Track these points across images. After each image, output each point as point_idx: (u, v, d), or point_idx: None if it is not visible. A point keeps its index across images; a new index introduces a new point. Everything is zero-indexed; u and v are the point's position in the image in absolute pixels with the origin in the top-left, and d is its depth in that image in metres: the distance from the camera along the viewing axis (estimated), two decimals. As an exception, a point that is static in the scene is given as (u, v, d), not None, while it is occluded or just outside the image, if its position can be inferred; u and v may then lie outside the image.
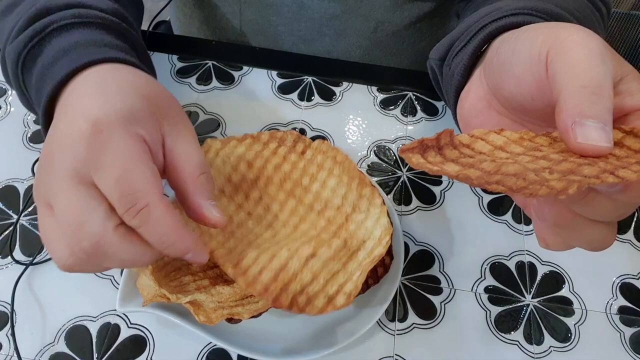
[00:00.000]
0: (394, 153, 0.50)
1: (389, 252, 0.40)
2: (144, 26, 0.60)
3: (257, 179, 0.38)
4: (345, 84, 0.55)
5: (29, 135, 0.49)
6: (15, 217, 0.44)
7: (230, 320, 0.35)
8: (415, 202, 0.46)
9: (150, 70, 0.41)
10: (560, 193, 0.21)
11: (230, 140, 0.40)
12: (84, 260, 0.28)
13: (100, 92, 0.31)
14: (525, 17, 0.35)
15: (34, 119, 0.50)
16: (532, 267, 0.43)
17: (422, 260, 0.43)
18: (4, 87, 0.53)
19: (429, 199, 0.47)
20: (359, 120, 0.52)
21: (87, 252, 0.27)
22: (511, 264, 0.43)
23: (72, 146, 0.28)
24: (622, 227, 0.46)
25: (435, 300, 0.41)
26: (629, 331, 0.40)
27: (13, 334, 0.38)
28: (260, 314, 0.35)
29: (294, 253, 0.32)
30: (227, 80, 0.55)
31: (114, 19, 0.39)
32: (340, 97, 0.54)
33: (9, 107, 0.51)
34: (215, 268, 0.37)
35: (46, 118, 0.35)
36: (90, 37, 0.36)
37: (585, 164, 0.22)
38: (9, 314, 0.39)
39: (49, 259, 0.42)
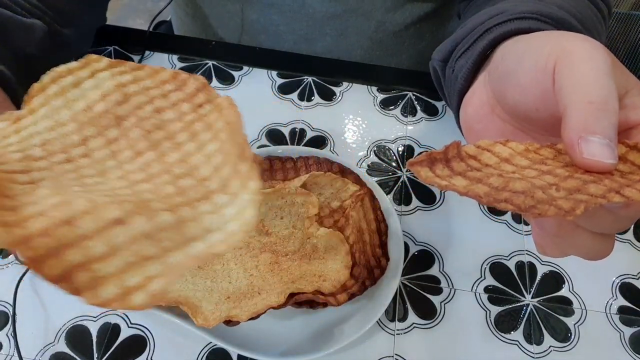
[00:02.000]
0: (393, 153, 0.50)
1: (385, 254, 0.40)
2: (145, 26, 0.60)
3: (125, 117, 0.31)
4: (345, 84, 0.55)
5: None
6: (16, 217, 0.44)
7: (228, 322, 0.35)
8: (415, 202, 0.47)
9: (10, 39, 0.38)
10: (568, 214, 0.21)
11: (122, 63, 0.32)
12: None
13: None
14: (531, 22, 0.35)
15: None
16: (532, 267, 0.43)
17: (422, 260, 0.43)
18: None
19: (429, 199, 0.47)
20: (359, 120, 0.52)
21: None
22: (511, 264, 0.43)
23: None
24: (622, 227, 0.46)
25: (435, 300, 0.41)
26: (628, 331, 0.41)
27: (14, 334, 0.38)
28: (258, 316, 0.35)
29: (93, 209, 0.23)
30: (227, 80, 0.55)
31: None
32: (340, 97, 0.54)
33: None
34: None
35: None
36: None
37: (590, 181, 0.22)
38: (10, 314, 0.39)
39: (49, 259, 0.42)
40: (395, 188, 0.47)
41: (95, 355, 0.38)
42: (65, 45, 0.48)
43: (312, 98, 0.54)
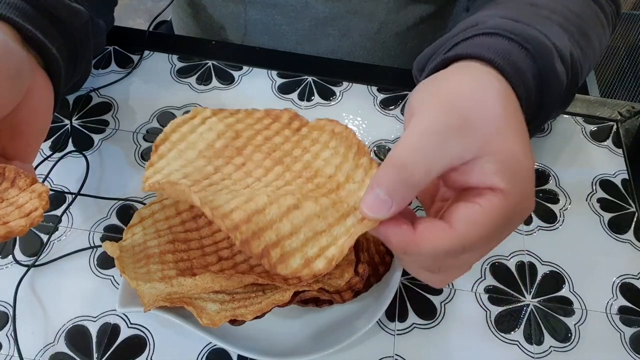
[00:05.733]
0: (394, 153, 0.50)
1: (389, 250, 0.40)
2: (145, 26, 0.60)
3: (243, 147, 0.35)
4: (345, 84, 0.55)
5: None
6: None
7: (233, 322, 0.35)
8: (415, 201, 0.46)
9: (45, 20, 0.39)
10: None
11: (222, 111, 0.38)
12: None
13: None
14: (494, 38, 0.35)
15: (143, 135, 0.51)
16: (532, 267, 0.43)
17: (422, 260, 0.43)
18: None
19: (429, 199, 0.47)
20: (359, 120, 0.52)
21: None
22: (511, 264, 0.43)
23: None
24: (622, 228, 0.46)
25: (435, 300, 0.41)
26: (629, 331, 0.40)
27: (14, 334, 0.38)
28: (263, 314, 0.35)
29: (274, 200, 0.29)
30: (227, 80, 0.55)
31: None
32: (340, 97, 0.54)
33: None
34: (187, 261, 0.37)
35: None
36: None
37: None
38: (10, 314, 0.39)
39: (51, 261, 0.42)
40: (395, 188, 0.47)
41: (95, 355, 0.38)
42: (100, 32, 0.49)
43: (312, 98, 0.54)
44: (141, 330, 0.39)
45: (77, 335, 0.39)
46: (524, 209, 0.27)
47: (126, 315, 0.40)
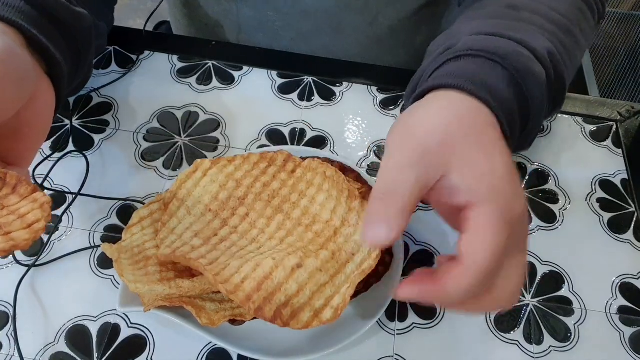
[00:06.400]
0: (394, 153, 0.50)
1: (389, 250, 0.40)
2: (142, 26, 0.60)
3: (244, 197, 0.39)
4: (345, 84, 0.55)
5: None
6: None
7: (233, 322, 0.35)
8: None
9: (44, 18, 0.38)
10: None
11: (220, 160, 0.41)
12: None
13: None
14: (463, 60, 0.36)
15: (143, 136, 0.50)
16: (532, 267, 0.43)
17: (421, 260, 0.43)
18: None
19: (429, 199, 0.47)
20: (359, 120, 0.52)
21: None
22: (511, 264, 0.43)
23: None
24: (622, 227, 0.46)
25: (435, 300, 0.41)
26: (628, 331, 0.41)
27: (15, 334, 0.38)
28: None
29: (279, 263, 0.32)
30: (227, 80, 0.55)
31: None
32: (340, 97, 0.54)
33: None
34: None
35: None
36: None
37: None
38: (11, 314, 0.39)
39: (51, 261, 0.42)
40: (395, 188, 0.47)
41: (95, 355, 0.38)
42: (102, 35, 0.49)
43: (312, 98, 0.54)
44: (141, 330, 0.39)
45: (77, 335, 0.39)
46: (513, 212, 0.28)
47: (126, 315, 0.40)
